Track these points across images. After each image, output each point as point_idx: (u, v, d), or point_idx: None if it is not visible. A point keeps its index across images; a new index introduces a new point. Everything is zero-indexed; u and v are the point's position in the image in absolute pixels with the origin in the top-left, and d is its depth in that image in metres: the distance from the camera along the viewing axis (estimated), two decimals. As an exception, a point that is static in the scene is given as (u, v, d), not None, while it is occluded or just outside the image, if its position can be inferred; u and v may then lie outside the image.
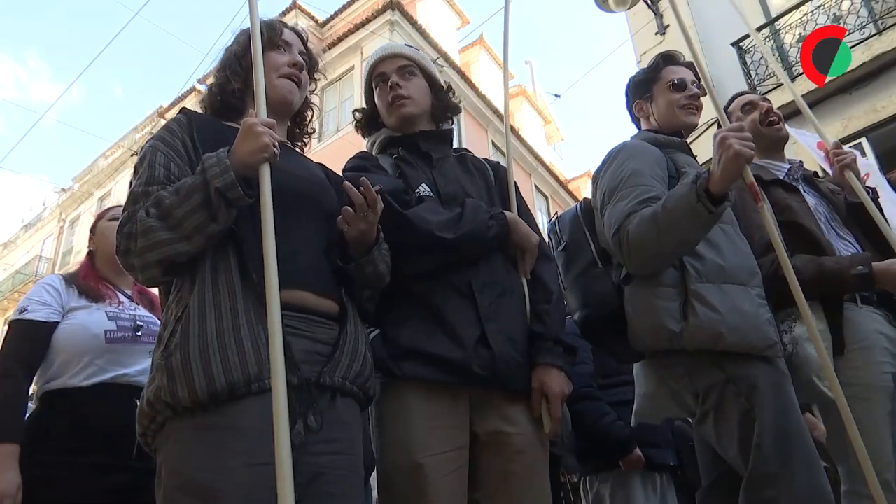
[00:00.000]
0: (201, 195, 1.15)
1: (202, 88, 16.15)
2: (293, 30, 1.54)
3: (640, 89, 2.00)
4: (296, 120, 1.59)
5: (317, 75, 1.61)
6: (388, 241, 1.44)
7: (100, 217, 2.12)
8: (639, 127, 2.04)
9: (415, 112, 1.70)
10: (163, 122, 17.16)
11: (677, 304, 1.58)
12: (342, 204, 1.34)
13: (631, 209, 1.62)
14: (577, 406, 2.46)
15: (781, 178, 2.03)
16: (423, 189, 1.58)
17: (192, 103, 16.19)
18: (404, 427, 1.40)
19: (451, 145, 1.79)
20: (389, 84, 1.68)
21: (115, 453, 1.66)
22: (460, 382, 1.42)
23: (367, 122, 1.81)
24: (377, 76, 1.74)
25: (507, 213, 1.61)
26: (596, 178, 1.84)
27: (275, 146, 1.21)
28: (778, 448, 1.44)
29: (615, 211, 1.66)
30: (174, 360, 1.10)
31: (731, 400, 1.52)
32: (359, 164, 1.65)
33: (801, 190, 2.00)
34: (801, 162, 2.12)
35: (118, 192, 17.10)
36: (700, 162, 1.97)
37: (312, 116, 1.62)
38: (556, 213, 1.96)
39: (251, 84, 1.35)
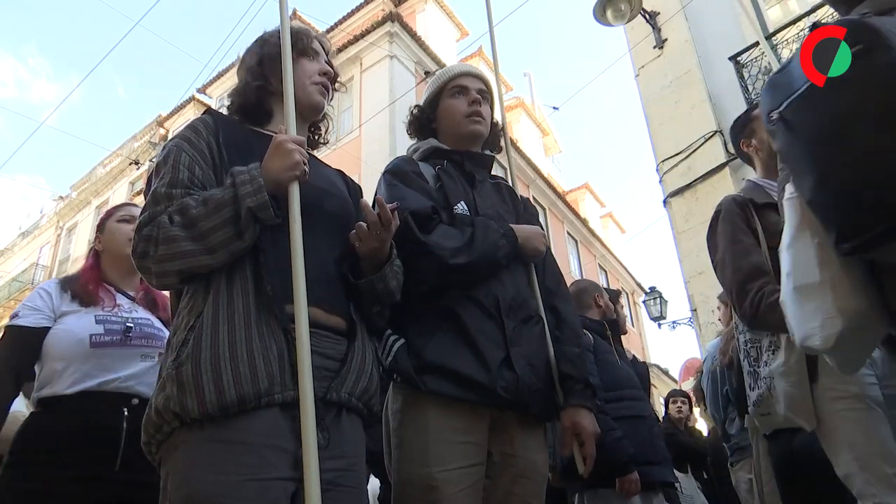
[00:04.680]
0: (231, 211, 1.14)
1: (202, 98, 16.18)
2: (318, 39, 1.54)
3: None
4: (310, 128, 1.57)
5: (336, 86, 1.60)
6: (404, 262, 1.43)
7: (108, 215, 2.04)
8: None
9: (484, 133, 1.77)
10: (161, 131, 17.25)
11: None
12: (357, 214, 1.32)
13: None
14: None
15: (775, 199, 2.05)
16: (461, 207, 1.60)
17: (192, 113, 16.22)
18: (423, 440, 1.40)
19: (490, 171, 1.82)
20: (473, 98, 1.74)
21: (98, 465, 1.62)
22: (484, 402, 1.43)
23: (421, 124, 1.83)
24: (456, 86, 1.77)
25: (514, 227, 1.61)
26: None
27: (305, 164, 1.21)
28: None
29: None
30: (185, 371, 1.09)
31: None
32: (400, 167, 1.66)
33: None
34: None
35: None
36: None
37: (328, 128, 1.61)
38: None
39: (280, 90, 1.34)
